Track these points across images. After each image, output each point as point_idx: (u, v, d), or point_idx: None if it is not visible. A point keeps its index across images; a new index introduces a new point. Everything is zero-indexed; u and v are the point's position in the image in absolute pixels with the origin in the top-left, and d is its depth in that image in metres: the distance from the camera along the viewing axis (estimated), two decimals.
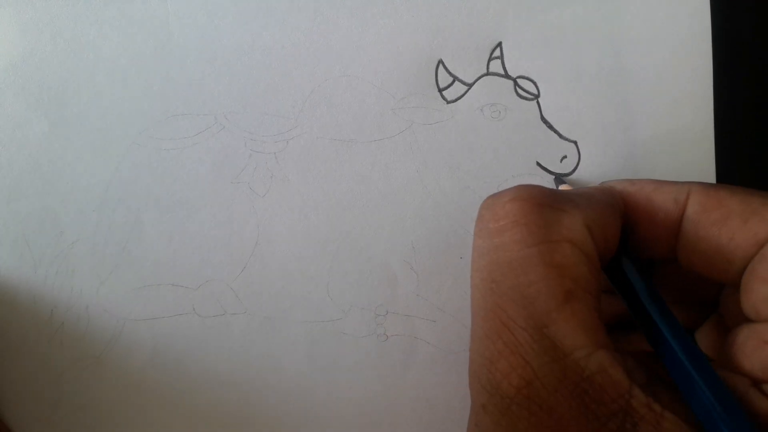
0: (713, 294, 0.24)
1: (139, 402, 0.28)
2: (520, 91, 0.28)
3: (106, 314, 0.28)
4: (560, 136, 0.28)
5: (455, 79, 0.28)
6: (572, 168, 0.28)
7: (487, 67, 0.28)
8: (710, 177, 0.28)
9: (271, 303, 0.28)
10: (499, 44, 0.28)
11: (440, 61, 0.28)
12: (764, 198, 0.20)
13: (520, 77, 0.28)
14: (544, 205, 0.19)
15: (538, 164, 0.28)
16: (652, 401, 0.18)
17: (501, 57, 0.28)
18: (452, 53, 0.28)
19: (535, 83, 0.28)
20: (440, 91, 0.28)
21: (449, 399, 0.28)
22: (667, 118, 0.28)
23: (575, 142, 0.28)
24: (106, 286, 0.28)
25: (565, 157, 0.28)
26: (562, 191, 0.21)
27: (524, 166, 0.28)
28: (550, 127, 0.28)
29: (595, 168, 0.28)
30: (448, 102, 0.28)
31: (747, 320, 0.20)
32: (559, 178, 0.28)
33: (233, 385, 0.28)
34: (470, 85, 0.28)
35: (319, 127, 0.28)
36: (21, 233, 0.28)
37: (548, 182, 0.28)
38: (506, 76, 0.28)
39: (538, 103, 0.28)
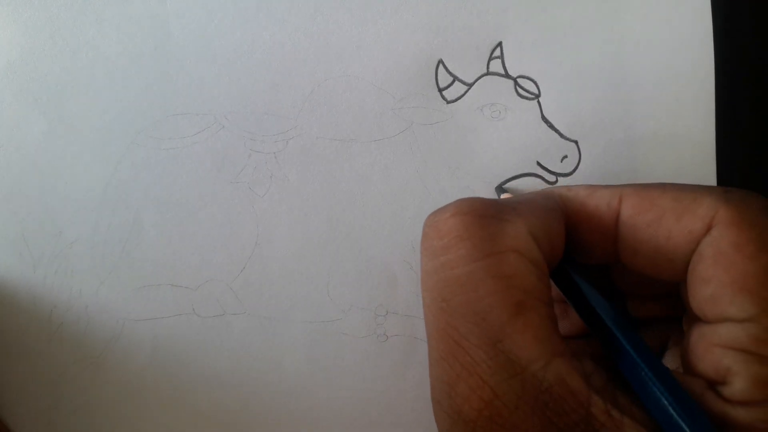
0: (665, 287, 0.23)
1: (139, 402, 0.28)
2: (520, 91, 0.28)
3: (106, 314, 0.28)
4: (561, 135, 0.28)
5: (455, 78, 0.28)
6: (573, 168, 0.28)
7: (488, 67, 0.28)
8: (711, 176, 0.28)
9: (271, 303, 0.28)
10: (500, 44, 0.28)
11: (440, 61, 0.28)
12: (695, 193, 0.20)
13: (520, 77, 0.28)
14: (486, 217, 0.19)
15: (539, 164, 0.28)
16: (611, 407, 0.17)
17: (501, 57, 0.28)
18: (452, 53, 0.28)
19: (535, 83, 0.28)
20: (440, 91, 0.28)
21: None
22: (668, 118, 0.28)
23: (576, 142, 0.28)
24: (106, 286, 0.28)
25: (565, 156, 0.28)
26: (504, 200, 0.21)
27: (525, 166, 0.28)
28: (551, 126, 0.28)
29: (596, 168, 0.28)
30: (448, 102, 0.28)
31: (697, 320, 0.20)
32: (500, 188, 0.28)
33: (233, 385, 0.28)
34: (470, 85, 0.28)
35: (319, 127, 0.28)
36: (20, 233, 0.28)
37: (541, 185, 0.28)
38: (506, 75, 0.28)
39: (538, 102, 0.28)
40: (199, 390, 0.28)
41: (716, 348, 0.18)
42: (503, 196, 0.27)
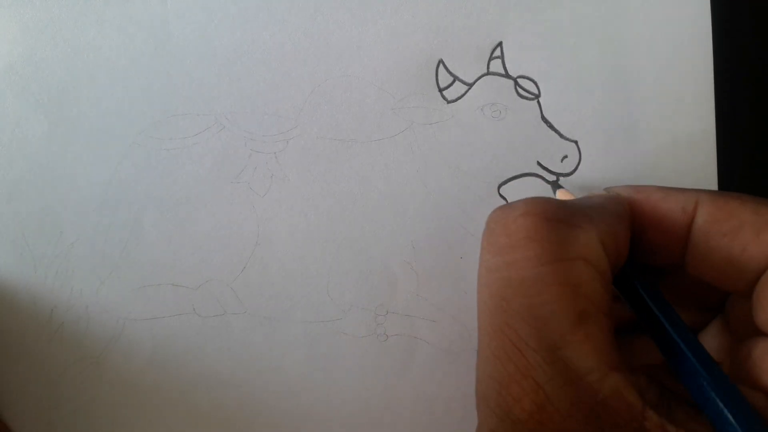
0: (718, 300, 0.23)
1: (139, 402, 0.28)
2: (520, 91, 0.28)
3: (106, 314, 0.28)
4: (561, 135, 0.28)
5: (455, 78, 0.28)
6: (573, 168, 0.28)
7: (488, 67, 0.28)
8: (712, 177, 0.28)
9: (271, 303, 0.28)
10: (500, 44, 0.28)
11: (440, 61, 0.28)
12: None
13: (520, 77, 0.28)
14: (558, 221, 0.19)
15: (539, 164, 0.28)
16: (666, 422, 0.17)
17: (501, 57, 0.28)
18: (452, 53, 0.28)
19: (535, 83, 0.28)
20: (440, 90, 0.28)
21: (449, 399, 0.28)
22: (669, 118, 0.28)
23: (576, 142, 0.28)
24: (106, 286, 0.28)
25: (565, 156, 0.28)
26: (575, 204, 0.21)
27: (525, 165, 0.28)
28: (551, 126, 0.28)
29: (596, 168, 0.28)
30: (449, 102, 0.28)
31: (758, 333, 0.20)
32: (556, 184, 0.27)
33: (233, 385, 0.28)
34: (471, 85, 0.28)
35: (319, 127, 0.28)
36: (21, 233, 0.28)
37: (545, 190, 0.28)
38: (507, 75, 0.28)
39: (538, 102, 0.28)
40: (199, 390, 0.28)
41: None
42: (559, 192, 0.26)
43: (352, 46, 0.28)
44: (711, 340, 0.24)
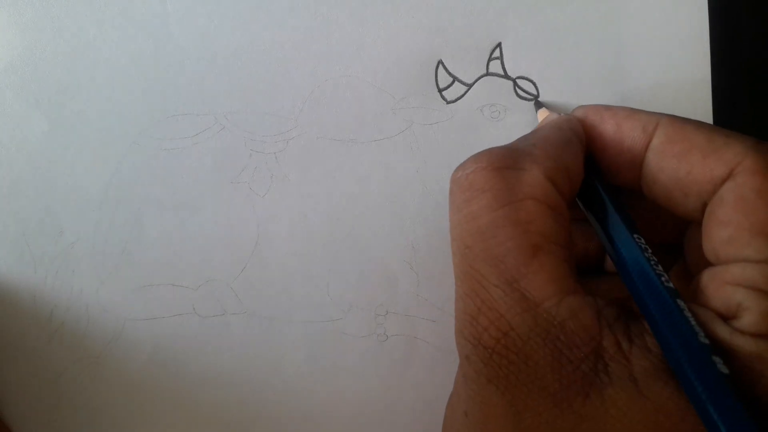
0: (678, 236, 0.24)
1: (139, 402, 0.28)
2: (519, 92, 0.28)
3: (106, 314, 0.28)
4: None
5: (455, 79, 0.28)
6: None
7: (487, 68, 0.28)
8: None
9: (271, 303, 0.28)
10: (499, 45, 0.28)
11: (440, 62, 0.28)
12: (729, 137, 0.20)
13: (519, 77, 0.28)
14: (503, 168, 0.20)
15: None
16: (622, 340, 0.19)
17: (501, 57, 0.28)
18: (452, 53, 0.28)
19: (534, 84, 0.28)
20: (440, 91, 0.28)
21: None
22: None
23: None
24: (106, 285, 0.28)
25: None
26: (520, 145, 0.22)
27: None
28: None
29: None
30: (448, 102, 0.28)
31: (708, 264, 0.20)
32: (539, 103, 0.28)
33: (233, 385, 0.28)
34: (470, 86, 0.28)
35: (319, 127, 0.28)
36: (21, 233, 0.28)
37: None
38: (506, 76, 0.28)
39: (537, 103, 0.28)
40: (199, 390, 0.28)
41: (728, 285, 0.19)
42: (540, 111, 0.27)
43: (352, 47, 0.28)
44: (675, 282, 0.24)
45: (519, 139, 0.23)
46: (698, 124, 0.21)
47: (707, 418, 0.17)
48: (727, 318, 0.19)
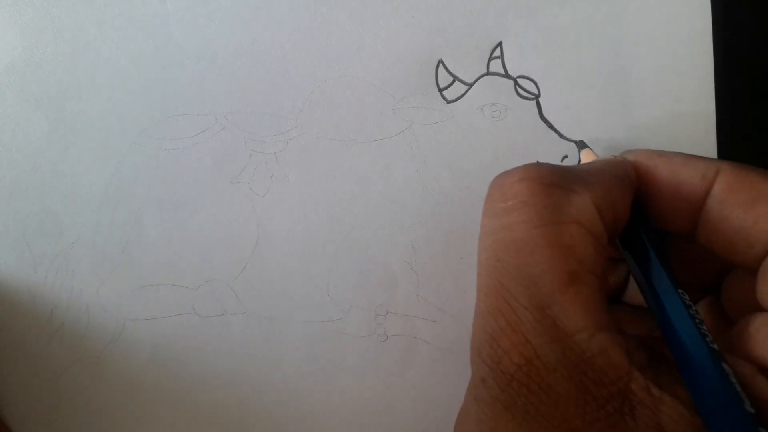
0: (716, 276, 0.24)
1: (140, 402, 0.28)
2: (520, 91, 0.28)
3: (106, 314, 0.28)
4: (560, 135, 0.28)
5: (455, 78, 0.28)
6: None
7: (488, 67, 0.28)
8: None
9: (271, 303, 0.28)
10: (500, 44, 0.28)
11: (440, 61, 0.28)
12: None
13: (520, 77, 0.28)
14: (553, 185, 0.19)
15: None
16: (651, 385, 0.18)
17: (501, 57, 0.28)
18: (452, 53, 0.28)
19: (535, 83, 0.28)
20: (440, 90, 0.28)
21: (449, 399, 0.28)
22: (668, 118, 0.28)
23: (575, 142, 0.28)
24: (106, 286, 0.28)
25: (565, 156, 0.28)
26: (572, 168, 0.21)
27: None
28: (551, 126, 0.28)
29: None
30: (449, 102, 0.28)
31: (757, 308, 0.20)
32: (582, 143, 0.27)
33: (233, 384, 0.28)
34: (470, 85, 0.28)
35: (319, 127, 0.28)
36: (21, 233, 0.28)
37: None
38: (506, 75, 0.28)
39: (538, 102, 0.28)
40: (199, 390, 0.28)
41: None
42: (583, 152, 0.27)
43: (352, 46, 0.28)
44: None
45: (572, 165, 0.22)
46: (763, 173, 0.20)
47: None
48: None
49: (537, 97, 0.28)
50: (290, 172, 0.28)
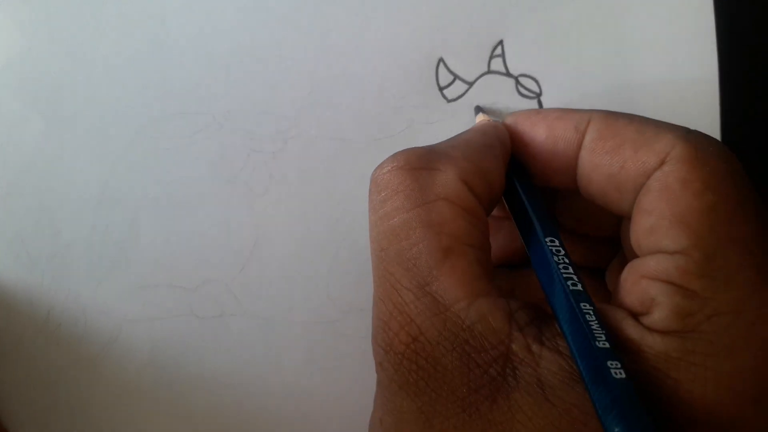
0: (613, 228, 0.24)
1: (137, 403, 0.28)
2: (521, 90, 0.28)
3: (104, 315, 0.28)
4: None
5: (456, 77, 0.28)
6: None
7: (488, 66, 0.28)
8: None
9: (270, 304, 0.28)
10: (501, 42, 0.28)
11: (441, 60, 0.28)
12: (659, 128, 0.20)
13: (521, 75, 0.28)
14: (418, 168, 0.20)
15: None
16: (532, 342, 0.18)
17: (502, 55, 0.28)
18: (453, 51, 0.28)
19: (536, 81, 0.28)
20: (441, 89, 0.28)
21: None
22: (672, 117, 0.27)
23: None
24: (103, 286, 0.28)
25: None
26: (438, 147, 0.22)
27: None
28: None
29: None
30: (449, 101, 0.28)
31: (633, 257, 0.20)
32: (479, 108, 0.28)
33: (231, 386, 0.28)
34: (471, 84, 0.28)
35: (319, 126, 0.28)
36: (17, 233, 0.28)
37: None
38: (507, 74, 0.28)
39: (539, 101, 0.28)
40: (197, 391, 0.28)
41: (644, 279, 0.19)
42: (478, 116, 0.27)
43: (351, 45, 0.28)
44: (612, 276, 0.25)
45: (443, 141, 0.23)
46: (630, 118, 0.21)
47: (604, 425, 0.17)
48: (640, 313, 0.19)
49: (538, 95, 0.28)
50: (289, 171, 0.28)
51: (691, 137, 0.19)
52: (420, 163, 0.20)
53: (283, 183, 0.28)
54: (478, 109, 0.27)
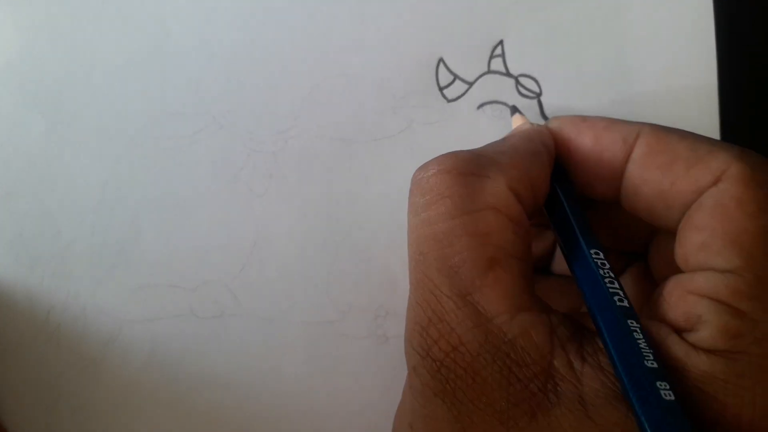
0: (644, 240, 0.24)
1: (137, 404, 0.28)
2: (521, 90, 0.28)
3: (103, 315, 0.28)
4: None
5: (456, 77, 0.28)
6: None
7: (488, 66, 0.28)
8: None
9: (270, 304, 0.28)
10: (501, 42, 0.28)
11: (441, 60, 0.28)
12: (713, 146, 0.20)
13: (521, 75, 0.28)
14: (467, 174, 0.20)
15: None
16: (574, 359, 0.18)
17: (502, 55, 0.28)
18: (453, 51, 0.28)
19: (537, 81, 0.28)
20: (441, 89, 0.28)
21: None
22: (671, 117, 0.27)
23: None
24: (103, 286, 0.28)
25: None
26: (486, 152, 0.21)
27: None
28: None
29: None
30: (449, 101, 0.28)
31: (676, 271, 0.20)
32: (515, 108, 0.27)
33: (231, 386, 0.28)
34: (471, 84, 0.28)
35: (319, 126, 0.28)
36: (17, 233, 0.28)
37: None
38: (507, 74, 0.28)
39: (539, 101, 0.28)
40: (197, 391, 0.28)
41: (691, 296, 0.18)
42: (515, 117, 0.26)
43: (351, 44, 0.28)
44: (630, 284, 0.24)
45: (488, 145, 0.22)
46: (682, 134, 0.20)
47: None
48: (684, 330, 0.18)
49: (538, 95, 0.28)
50: (289, 171, 0.28)
51: (746, 157, 0.19)
52: (469, 168, 0.20)
53: (283, 183, 0.28)
54: (515, 110, 0.27)
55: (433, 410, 0.19)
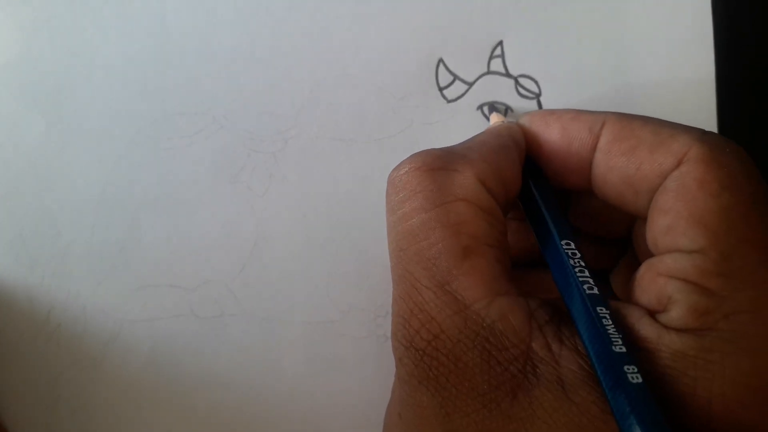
0: (626, 230, 0.24)
1: (137, 403, 0.28)
2: (521, 90, 0.28)
3: (104, 315, 0.28)
4: None
5: (456, 77, 0.28)
6: None
7: (488, 66, 0.28)
8: None
9: (270, 304, 0.28)
10: (500, 43, 0.28)
11: (441, 60, 0.28)
12: (675, 129, 0.20)
13: (521, 76, 0.28)
14: (437, 169, 0.20)
15: None
16: (552, 341, 0.19)
17: (502, 55, 0.28)
18: (453, 52, 0.28)
19: (536, 82, 0.28)
20: (441, 90, 0.28)
21: None
22: (670, 117, 0.27)
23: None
24: (104, 286, 0.28)
25: None
26: (455, 148, 0.22)
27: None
28: None
29: None
30: (449, 101, 0.28)
31: (649, 256, 0.20)
32: (492, 106, 0.28)
33: (231, 386, 0.28)
34: (471, 84, 0.28)
35: (319, 127, 0.28)
36: (18, 233, 0.28)
37: None
38: (507, 74, 0.28)
39: (539, 101, 0.28)
40: (197, 391, 0.28)
41: (661, 277, 0.19)
42: (492, 116, 0.27)
43: (351, 45, 0.28)
44: (619, 277, 0.25)
45: (457, 144, 0.23)
46: (644, 120, 0.21)
47: (622, 430, 0.17)
48: (656, 311, 0.19)
49: (538, 96, 0.28)
50: (289, 171, 0.28)
51: (707, 138, 0.20)
52: (438, 164, 0.21)
53: (283, 183, 0.28)
54: (492, 108, 0.28)
55: (419, 398, 0.19)
